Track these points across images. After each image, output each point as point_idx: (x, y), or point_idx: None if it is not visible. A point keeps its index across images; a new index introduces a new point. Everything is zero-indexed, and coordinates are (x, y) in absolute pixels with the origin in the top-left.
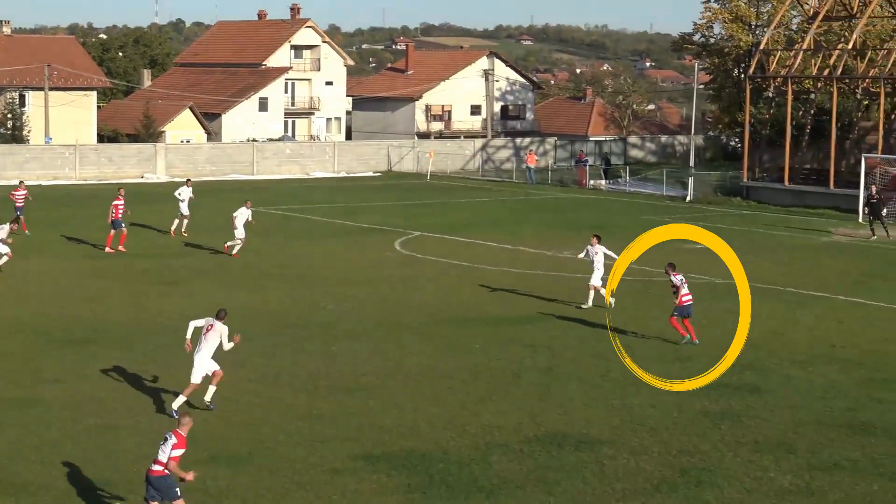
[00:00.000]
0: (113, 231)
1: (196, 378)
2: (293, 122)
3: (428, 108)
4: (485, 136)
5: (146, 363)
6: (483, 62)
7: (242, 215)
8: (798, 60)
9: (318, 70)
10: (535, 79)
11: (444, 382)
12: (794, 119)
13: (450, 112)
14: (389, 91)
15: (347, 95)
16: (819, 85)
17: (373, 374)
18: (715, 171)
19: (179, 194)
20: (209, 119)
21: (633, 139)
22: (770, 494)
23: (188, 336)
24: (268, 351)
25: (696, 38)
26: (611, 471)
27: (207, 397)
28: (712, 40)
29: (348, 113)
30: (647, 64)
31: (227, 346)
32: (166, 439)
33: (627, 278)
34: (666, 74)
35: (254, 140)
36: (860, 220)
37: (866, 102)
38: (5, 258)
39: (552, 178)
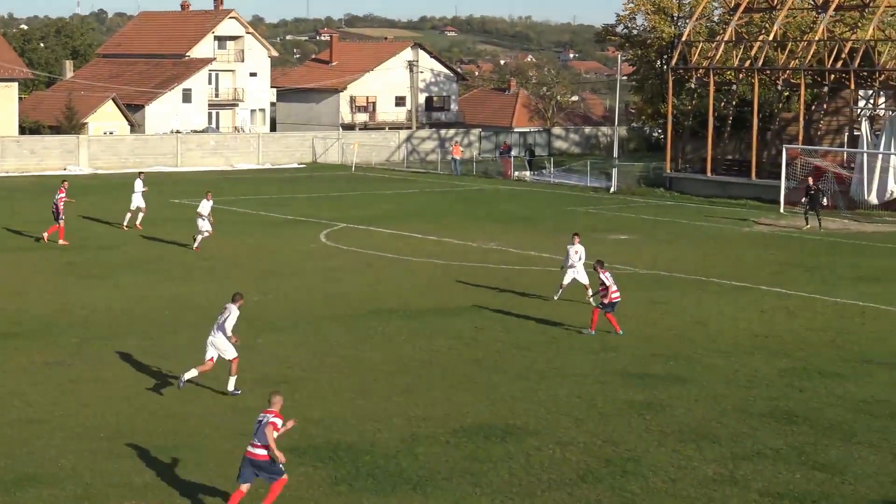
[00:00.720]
0: (57, 224)
1: (230, 356)
2: (217, 114)
3: (353, 100)
4: (409, 128)
5: (69, 356)
6: (407, 53)
7: (205, 207)
8: (720, 52)
9: (242, 61)
10: (459, 70)
11: (369, 374)
12: (717, 110)
13: (374, 103)
14: (314, 82)
15: (272, 87)
16: (741, 76)
17: (298, 367)
18: (638, 162)
19: (133, 187)
20: (132, 110)
21: (557, 130)
22: (694, 483)
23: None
24: (193, 343)
25: (619, 29)
26: (537, 462)
27: (230, 387)
28: (635, 32)
29: (273, 104)
30: (571, 55)
31: (229, 329)
32: (261, 422)
33: (552, 269)
34: (589, 66)
35: (178, 132)
36: (782, 210)
37: (787, 93)
38: None
39: (477, 170)
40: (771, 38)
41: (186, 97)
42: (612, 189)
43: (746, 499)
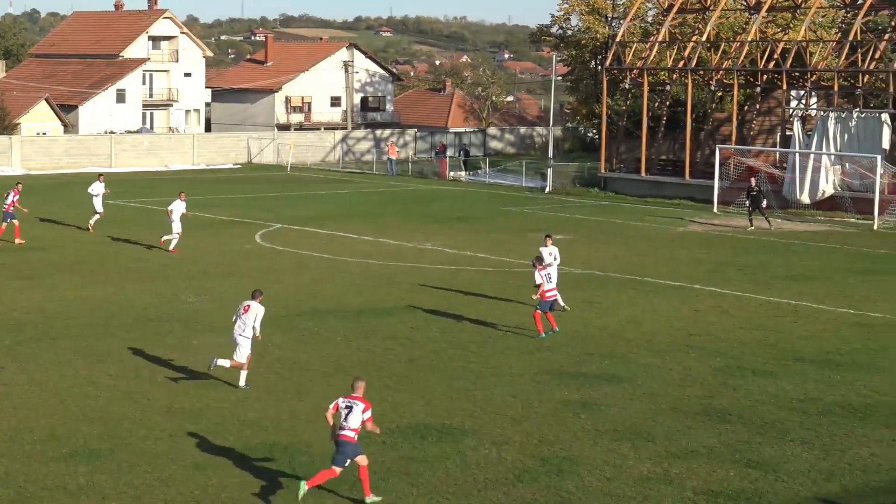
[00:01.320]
0: (5, 224)
1: (241, 358)
2: (151, 114)
3: (288, 100)
4: (345, 128)
5: (1, 359)
6: (343, 54)
7: (178, 208)
8: (654, 52)
9: (177, 61)
10: (394, 70)
11: (305, 375)
12: (651, 110)
13: (310, 104)
14: (249, 83)
15: (206, 87)
16: (674, 76)
17: (234, 368)
18: (573, 162)
19: (92, 190)
20: (66, 111)
21: (492, 131)
22: (629, 482)
23: (234, 320)
24: (128, 346)
25: (554, 29)
26: (473, 461)
27: (241, 382)
28: (570, 32)
29: (207, 104)
30: (506, 56)
31: (258, 328)
32: (351, 408)
33: (487, 269)
34: (524, 66)
35: (111, 132)
36: (715, 209)
37: (720, 94)
38: None
39: (412, 170)
40: (704, 38)
41: (120, 97)
42: (546, 189)
43: (681, 497)
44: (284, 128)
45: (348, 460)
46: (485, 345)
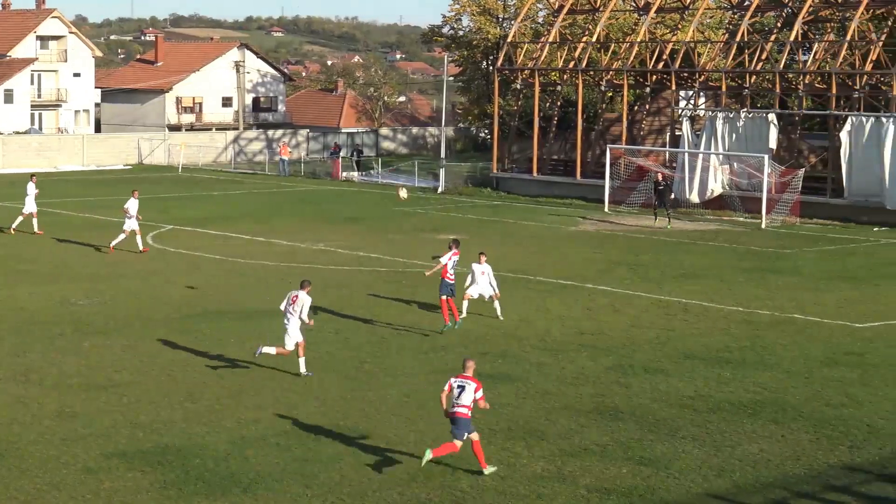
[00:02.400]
0: None
1: (290, 346)
2: (40, 115)
3: (179, 101)
4: (237, 129)
5: None
6: (234, 54)
7: (133, 206)
8: (544, 53)
9: (66, 61)
10: (286, 70)
11: (199, 377)
12: (542, 111)
13: (201, 104)
14: (139, 83)
15: (96, 87)
16: (565, 77)
17: (126, 371)
18: (466, 162)
19: (27, 191)
20: None
21: (384, 131)
22: (523, 480)
23: (282, 308)
24: (17, 349)
25: (446, 30)
26: (367, 461)
27: (302, 369)
28: (461, 33)
29: (97, 105)
30: (398, 56)
31: (305, 317)
32: (463, 388)
33: (380, 269)
34: (416, 66)
35: None
36: (606, 209)
37: (610, 94)
38: None
39: (305, 170)
40: (594, 39)
41: (8, 98)
42: (439, 189)
43: (574, 494)
44: (175, 128)
45: (465, 434)
46: (379, 345)
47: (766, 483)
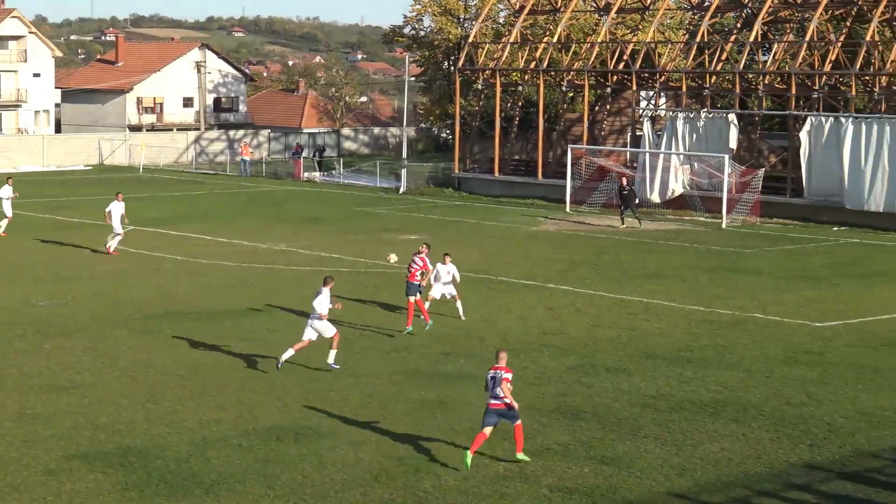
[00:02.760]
0: None
1: (327, 334)
2: (0, 115)
3: (139, 101)
4: (198, 129)
5: None
6: (195, 54)
7: (116, 209)
8: (506, 53)
9: (25, 61)
10: (247, 71)
11: (160, 378)
12: (503, 111)
13: (162, 104)
14: (99, 83)
15: (56, 87)
16: (526, 77)
17: (87, 372)
18: (427, 162)
19: (2, 193)
20: None
21: (346, 131)
22: (486, 480)
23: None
24: None
25: (407, 30)
26: (330, 462)
27: (330, 359)
28: (422, 33)
29: (57, 105)
30: (359, 56)
31: (318, 309)
32: (496, 379)
33: (342, 269)
34: (378, 66)
35: None
36: (568, 209)
37: (571, 94)
38: None
39: (266, 171)
40: (555, 39)
41: None
42: (401, 189)
43: (537, 494)
44: (136, 129)
45: (497, 421)
46: (341, 346)
47: (727, 482)
